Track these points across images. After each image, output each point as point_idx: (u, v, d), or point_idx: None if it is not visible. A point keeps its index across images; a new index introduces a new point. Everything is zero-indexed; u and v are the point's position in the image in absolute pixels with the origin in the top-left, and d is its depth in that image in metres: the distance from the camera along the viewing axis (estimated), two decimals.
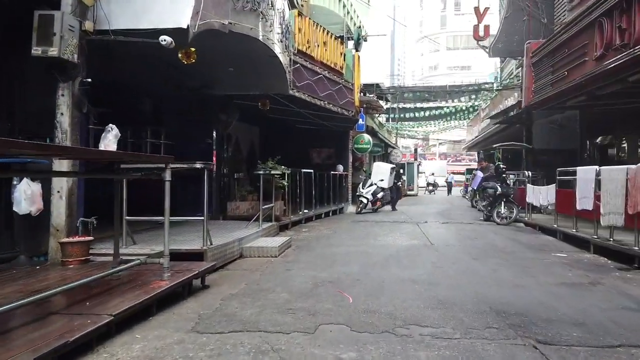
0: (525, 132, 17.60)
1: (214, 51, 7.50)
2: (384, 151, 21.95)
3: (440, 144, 66.58)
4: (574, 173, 8.89)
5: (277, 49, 8.29)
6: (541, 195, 10.45)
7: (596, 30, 9.12)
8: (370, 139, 18.16)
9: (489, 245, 8.34)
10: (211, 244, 6.16)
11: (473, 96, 22.15)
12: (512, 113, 14.93)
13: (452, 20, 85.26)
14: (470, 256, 7.20)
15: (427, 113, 26.83)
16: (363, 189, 16.24)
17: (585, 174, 8.26)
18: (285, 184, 10.11)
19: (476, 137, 28.30)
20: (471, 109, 28.62)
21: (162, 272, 4.43)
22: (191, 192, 10.14)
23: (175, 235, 7.23)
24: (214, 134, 10.03)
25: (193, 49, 6.14)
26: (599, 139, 14.00)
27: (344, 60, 12.99)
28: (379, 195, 16.61)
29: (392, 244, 8.50)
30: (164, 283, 4.20)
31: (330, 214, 14.68)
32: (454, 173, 42.58)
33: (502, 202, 11.62)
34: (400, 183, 16.99)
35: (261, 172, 8.58)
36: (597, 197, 7.57)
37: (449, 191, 33.41)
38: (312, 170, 12.96)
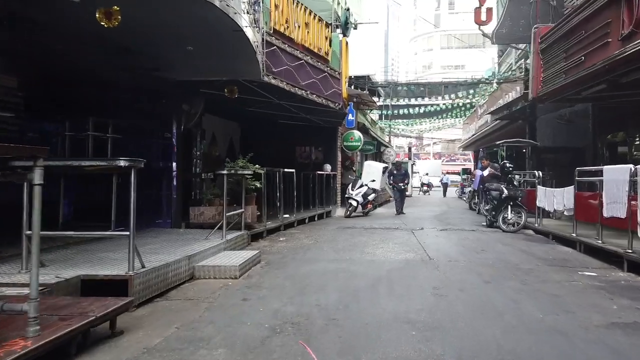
0: (529, 129, 16.22)
1: (162, 22, 6.01)
2: (376, 150, 20.53)
3: (434, 143, 65.44)
4: (599, 173, 7.48)
5: (243, 22, 6.79)
6: (555, 198, 9.04)
7: (623, 4, 7.71)
8: (361, 136, 16.71)
9: (500, 261, 6.89)
10: (142, 267, 4.65)
11: (471, 91, 20.75)
12: (515, 108, 13.54)
13: (446, 19, 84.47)
14: (480, 277, 5.75)
15: (421, 110, 25.38)
16: (352, 190, 14.79)
17: (615, 174, 6.84)
18: (258, 185, 8.62)
19: (473, 135, 26.94)
20: (468, 106, 27.23)
21: (31, 323, 2.93)
22: (153, 195, 8.67)
23: (106, 252, 5.73)
24: (174, 128, 8.51)
25: (116, 8, 4.64)
26: (609, 135, 12.66)
27: (330, 45, 11.52)
28: (370, 197, 15.18)
29: (383, 258, 7.03)
30: (19, 347, 2.70)
31: (316, 219, 13.20)
32: (449, 173, 41.33)
33: (509, 206, 10.21)
34: (406, 183, 15.74)
35: (224, 172, 7.07)
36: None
37: (445, 192, 31.85)
38: (293, 170, 11.47)
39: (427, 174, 40.21)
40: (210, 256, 6.39)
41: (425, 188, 37.23)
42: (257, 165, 8.90)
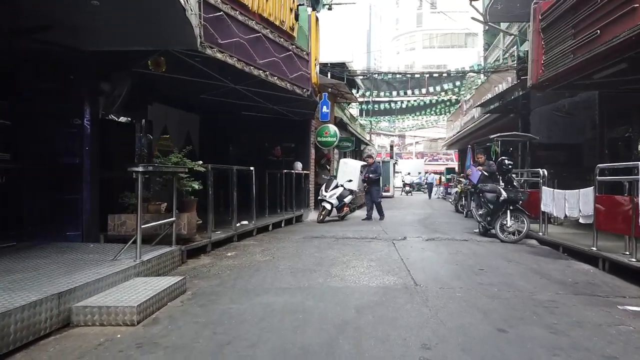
0: (521, 123, 14.65)
1: None
2: (354, 147, 18.78)
3: (417, 143, 64.32)
4: (627, 171, 5.84)
5: None
6: (567, 202, 7.37)
7: None
8: (337, 131, 14.92)
9: (508, 287, 5.16)
10: None
11: (457, 83, 19.22)
12: (509, 98, 11.93)
13: (428, 19, 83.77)
14: (487, 320, 3.99)
15: (403, 104, 23.77)
16: (326, 191, 13.00)
17: None
18: (196, 187, 6.72)
19: (458, 132, 25.41)
20: (453, 101, 25.72)
21: None
22: (65, 200, 6.72)
23: None
24: (88, 113, 6.56)
25: None
26: (618, 129, 11.14)
27: (296, 20, 9.68)
28: (347, 199, 13.42)
29: (353, 285, 5.24)
30: None
31: (283, 225, 11.37)
32: (435, 173, 39.95)
33: (508, 211, 8.53)
34: (374, 176, 13.76)
35: (139, 169, 5.19)
36: None
37: (430, 194, 29.94)
38: (251, 169, 9.62)
39: (409, 174, 38.73)
40: (108, 288, 4.51)
41: (407, 188, 35.72)
42: (199, 162, 7.02)
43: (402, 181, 36.67)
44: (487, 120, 17.58)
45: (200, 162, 7.22)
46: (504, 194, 8.52)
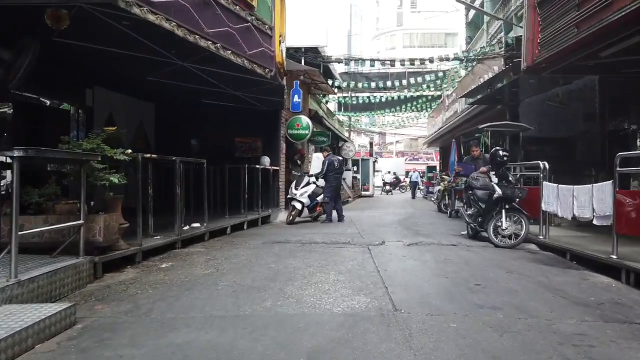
0: (509, 115, 13.51)
1: None
2: (330, 142, 17.43)
3: (397, 142, 63.57)
4: None
5: None
6: (576, 200, 6.13)
7: None
8: (310, 123, 13.55)
9: (517, 313, 3.85)
10: None
11: (440, 74, 18.09)
12: (500, 84, 10.73)
13: (409, 18, 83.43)
14: None
15: (383, 98, 22.55)
16: (296, 189, 11.62)
17: None
18: (116, 181, 5.25)
19: (440, 128, 24.32)
20: (435, 96, 24.65)
21: None
22: None
23: None
24: None
25: None
26: (619, 119, 10.05)
27: None
28: (320, 197, 12.07)
29: (310, 312, 3.86)
30: None
31: (245, 227, 9.96)
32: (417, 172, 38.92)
33: (503, 211, 7.27)
34: (342, 179, 12.29)
35: (14, 154, 3.73)
36: None
37: (414, 193, 27.99)
38: (203, 161, 8.18)
39: (389, 172, 37.62)
40: None
41: (387, 187, 34.58)
42: (120, 150, 5.55)
43: (382, 180, 35.52)
44: (471, 113, 16.45)
45: (123, 150, 5.74)
46: (498, 191, 7.26)
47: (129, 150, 5.92)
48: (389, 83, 18.21)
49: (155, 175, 7.14)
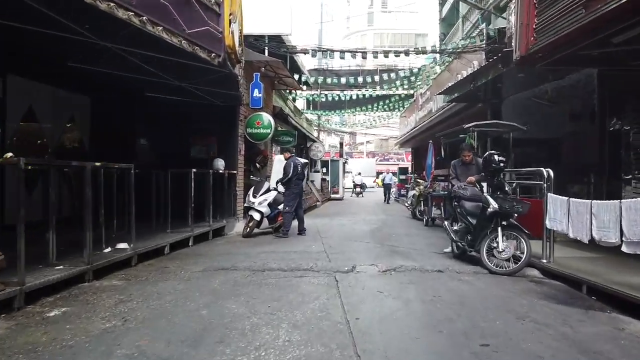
0: (491, 114, 12.34)
1: None
2: (296, 142, 15.96)
3: (368, 142, 62.74)
4: None
5: None
6: (595, 219, 4.85)
7: None
8: (272, 121, 12.02)
9: None
10: None
11: (415, 70, 16.92)
12: (485, 79, 9.47)
13: (380, 18, 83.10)
14: None
15: (354, 96, 21.25)
16: (255, 197, 10.10)
17: None
18: None
19: (413, 129, 23.17)
20: (406, 95, 23.53)
21: None
22: None
23: None
24: None
25: None
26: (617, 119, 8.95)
27: None
28: (282, 205, 10.60)
29: None
30: None
31: (192, 242, 8.38)
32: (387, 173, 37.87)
33: (499, 229, 5.96)
34: (303, 184, 10.69)
35: None
36: None
37: (388, 197, 25.43)
38: (130, 166, 6.57)
39: (359, 174, 36.41)
40: None
41: (358, 189, 33.34)
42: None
43: (353, 182, 34.26)
44: (448, 112, 15.27)
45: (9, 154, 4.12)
46: (494, 204, 5.94)
47: (9, 154, 4.30)
48: (360, 79, 16.82)
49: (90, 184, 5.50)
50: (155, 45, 6.31)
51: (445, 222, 7.35)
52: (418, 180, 15.58)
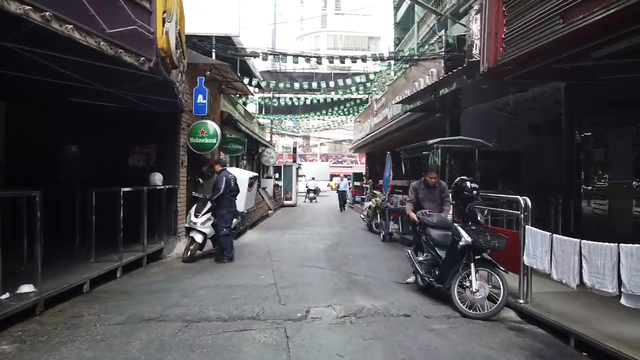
0: (450, 125, 11.89)
1: None
2: (245, 150, 14.90)
3: (321, 144, 62.21)
4: None
5: None
6: (586, 262, 4.20)
7: None
8: (218, 130, 10.94)
9: None
10: None
11: (371, 76, 16.30)
12: (450, 89, 8.86)
13: (333, 20, 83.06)
14: None
15: (307, 101, 20.41)
16: (197, 216, 9.01)
17: None
18: None
19: (368, 135, 22.65)
20: (362, 100, 22.96)
21: None
22: None
23: None
24: None
25: None
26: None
27: None
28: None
29: None
30: None
31: (120, 274, 7.22)
32: (337, 176, 37.33)
33: (472, 265, 5.26)
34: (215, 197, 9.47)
35: None
36: None
37: (343, 205, 23.48)
38: (33, 194, 5.38)
39: (313, 179, 35.67)
40: None
41: (311, 195, 32.57)
42: None
43: (306, 186, 33.46)
44: (405, 120, 14.71)
45: None
46: (466, 238, 5.23)
47: None
48: (314, 84, 16.00)
49: None
50: (68, 47, 5.17)
51: (409, 251, 6.61)
52: (375, 191, 14.92)
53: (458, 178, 5.68)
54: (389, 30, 29.88)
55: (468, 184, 5.45)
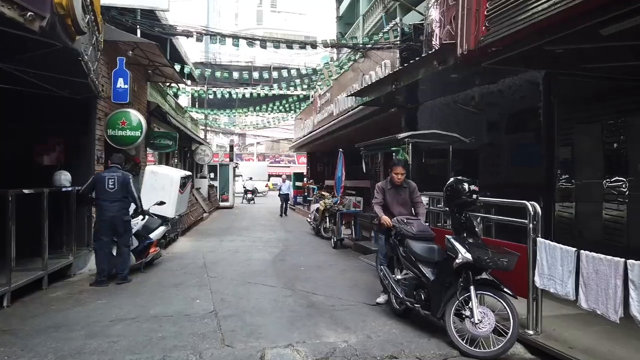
0: (406, 122, 10.95)
1: None
2: (176, 146, 13.13)
3: (258, 143, 60.33)
4: None
5: None
6: (635, 288, 3.22)
7: None
8: (143, 121, 9.21)
9: None
10: None
11: (318, 67, 15.14)
12: (410, 80, 7.82)
13: (269, 17, 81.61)
14: None
15: (247, 95, 18.88)
16: None
17: None
18: None
19: (310, 132, 21.47)
20: (303, 97, 21.76)
21: None
22: None
23: None
24: None
25: None
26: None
27: None
28: (155, 233, 8.04)
29: None
30: None
31: (6, 303, 5.45)
32: (276, 176, 35.91)
33: (472, 288, 4.16)
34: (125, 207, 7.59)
35: None
36: None
37: (285, 209, 20.42)
38: None
39: (251, 179, 33.98)
40: None
41: (249, 195, 30.88)
42: None
43: (244, 187, 31.70)
44: (354, 116, 13.64)
45: None
46: (465, 255, 4.12)
47: None
48: (255, 75, 14.53)
49: None
50: None
51: (383, 268, 5.42)
52: (323, 192, 13.73)
53: (453, 179, 4.56)
54: (327, 28, 28.97)
55: (466, 186, 4.33)
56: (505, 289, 4.12)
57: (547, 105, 7.12)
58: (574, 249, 3.79)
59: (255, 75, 14.93)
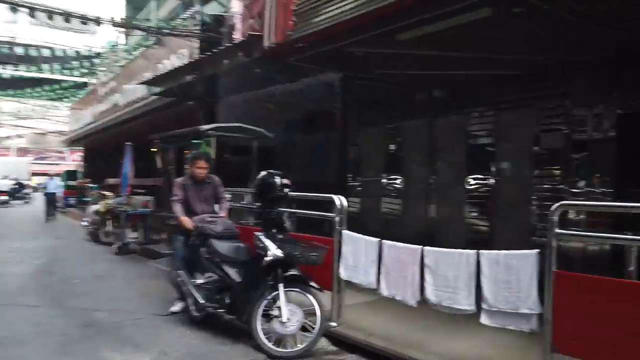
0: (204, 116, 10.37)
1: None
2: None
3: (19, 136, 50.71)
4: None
5: None
6: (431, 273, 3.40)
7: None
8: None
9: None
10: None
11: (97, 60, 13.16)
12: (212, 71, 7.30)
13: None
14: None
15: (6, 74, 15.45)
16: None
17: None
18: None
19: (89, 124, 18.88)
20: (84, 83, 19.02)
21: None
22: None
23: None
24: None
25: None
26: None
27: None
28: None
29: None
30: None
31: None
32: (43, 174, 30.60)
33: (281, 287, 3.91)
34: None
35: None
36: None
37: (51, 212, 16.94)
38: None
39: (6, 177, 28.21)
40: None
41: (4, 198, 25.45)
42: None
43: None
44: (144, 108, 12.40)
45: None
46: (275, 252, 3.87)
47: None
48: (19, 50, 11.89)
49: None
50: None
51: (181, 273, 4.79)
52: (103, 192, 12.00)
53: (265, 172, 4.25)
54: (118, 9, 26.20)
55: (278, 180, 4.08)
56: (312, 284, 4.02)
57: (343, 108, 7.54)
58: (377, 239, 3.92)
59: (20, 50, 12.20)
